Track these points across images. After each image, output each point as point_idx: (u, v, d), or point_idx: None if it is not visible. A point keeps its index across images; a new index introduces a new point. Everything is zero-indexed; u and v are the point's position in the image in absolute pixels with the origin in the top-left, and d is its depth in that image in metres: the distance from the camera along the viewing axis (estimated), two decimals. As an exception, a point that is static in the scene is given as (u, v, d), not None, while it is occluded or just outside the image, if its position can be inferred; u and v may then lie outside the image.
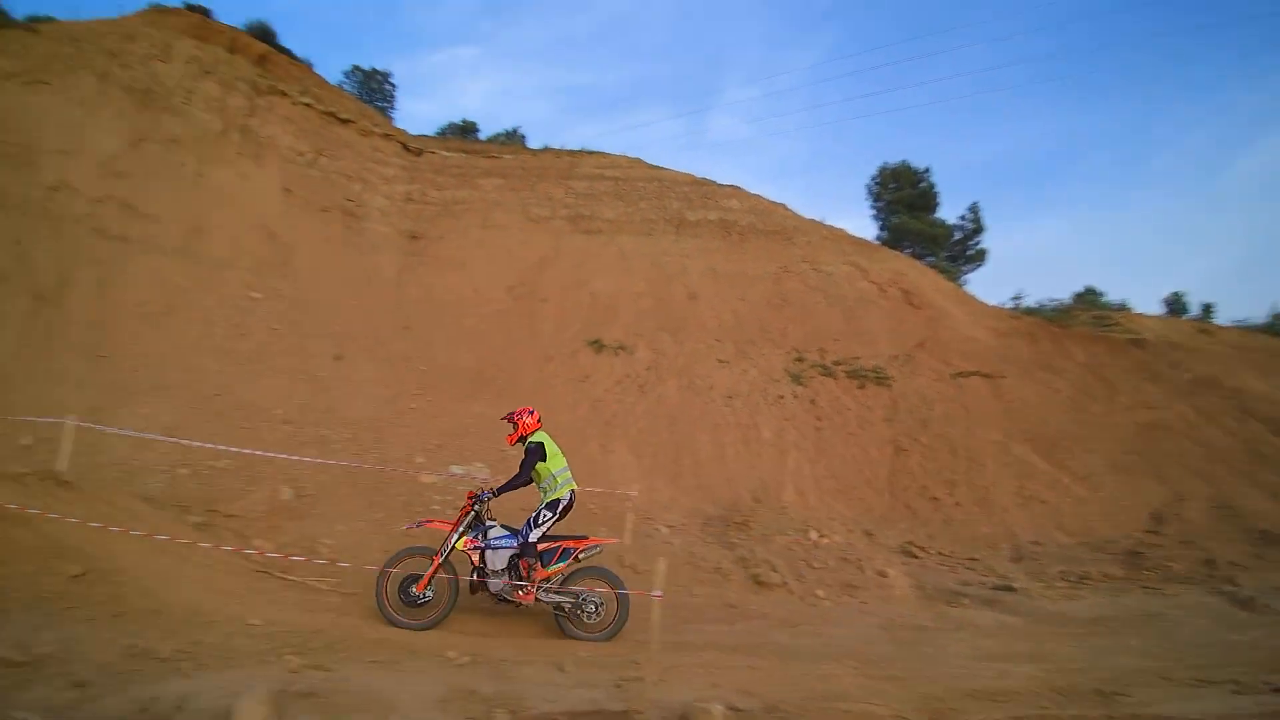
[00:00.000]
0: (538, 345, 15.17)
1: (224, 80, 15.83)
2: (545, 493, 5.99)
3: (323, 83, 18.41)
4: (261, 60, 16.85)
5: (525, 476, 5.93)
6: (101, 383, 10.63)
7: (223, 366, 11.66)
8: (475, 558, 5.84)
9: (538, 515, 5.88)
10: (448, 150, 19.86)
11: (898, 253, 20.40)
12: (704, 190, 19.01)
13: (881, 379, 15.35)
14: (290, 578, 6.75)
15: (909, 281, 17.86)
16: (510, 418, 6.23)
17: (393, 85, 24.92)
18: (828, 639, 7.04)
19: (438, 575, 5.76)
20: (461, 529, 5.86)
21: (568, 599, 5.88)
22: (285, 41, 18.58)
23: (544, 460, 5.95)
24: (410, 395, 12.95)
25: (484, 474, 10.60)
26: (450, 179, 19.02)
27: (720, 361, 15.00)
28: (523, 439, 6.07)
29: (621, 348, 15.12)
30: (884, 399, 15.02)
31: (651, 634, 4.98)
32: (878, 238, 24.04)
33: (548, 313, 15.94)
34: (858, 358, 15.72)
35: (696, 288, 16.66)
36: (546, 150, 20.37)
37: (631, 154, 20.15)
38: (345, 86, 22.56)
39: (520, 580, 5.80)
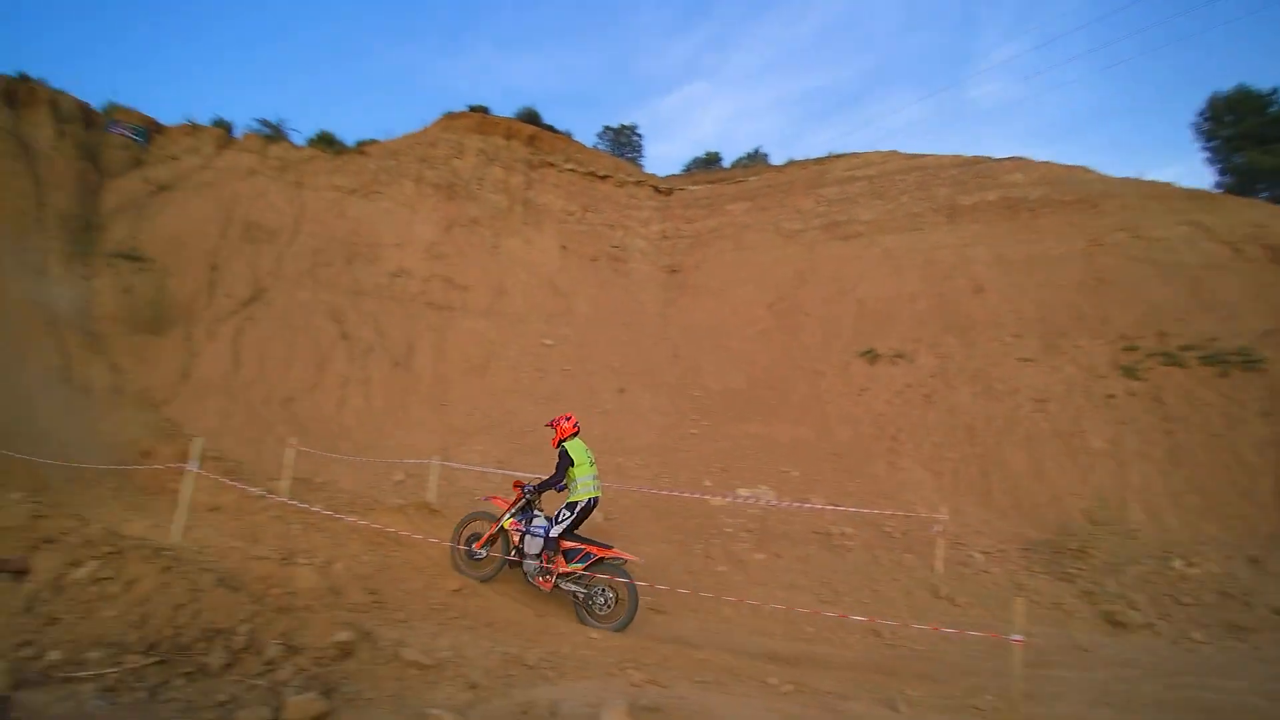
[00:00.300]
0: (806, 360, 14.75)
1: (505, 164, 18.96)
2: (570, 493, 6.60)
3: (581, 148, 20.70)
4: (531, 140, 19.68)
5: (559, 478, 6.59)
6: (444, 427, 12.99)
7: (529, 406, 13.38)
8: (515, 539, 6.65)
9: (559, 513, 6.54)
10: (695, 184, 20.74)
11: (1252, 200, 16.00)
12: (977, 169, 17.02)
13: (1252, 363, 11.94)
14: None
15: (1275, 233, 13.80)
16: (552, 423, 6.89)
17: (639, 135, 26.93)
18: (1220, 694, 5.84)
19: (493, 540, 6.74)
20: (512, 511, 6.73)
21: (582, 589, 6.44)
22: (548, 119, 21.23)
23: (573, 465, 6.56)
24: (688, 421, 13.43)
25: (769, 497, 10.45)
26: (700, 210, 19.81)
27: (1023, 360, 13.01)
28: (561, 443, 6.68)
29: (899, 355, 13.97)
30: (1259, 388, 11.67)
31: (1012, 682, 4.34)
32: (1219, 185, 19.30)
33: (812, 326, 15.46)
34: (1214, 339, 12.45)
35: (982, 279, 14.78)
36: (791, 163, 20.08)
37: (884, 147, 18.97)
38: (600, 146, 24.94)
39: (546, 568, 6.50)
